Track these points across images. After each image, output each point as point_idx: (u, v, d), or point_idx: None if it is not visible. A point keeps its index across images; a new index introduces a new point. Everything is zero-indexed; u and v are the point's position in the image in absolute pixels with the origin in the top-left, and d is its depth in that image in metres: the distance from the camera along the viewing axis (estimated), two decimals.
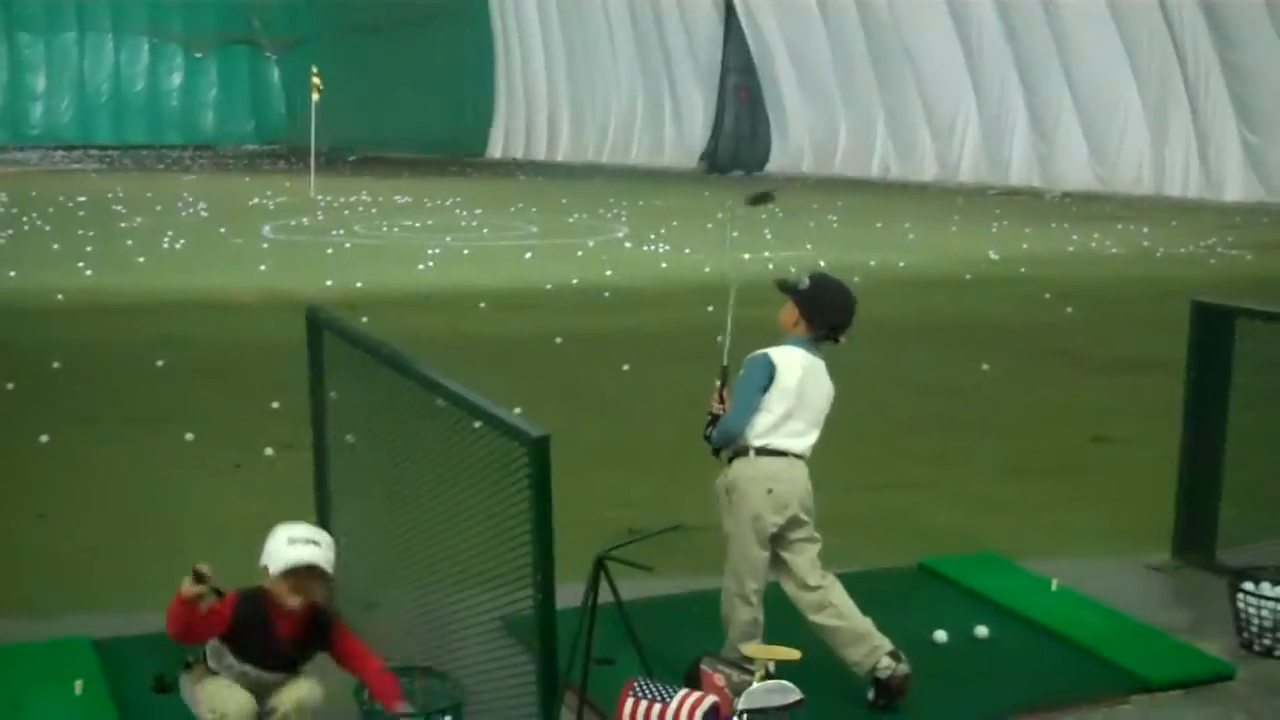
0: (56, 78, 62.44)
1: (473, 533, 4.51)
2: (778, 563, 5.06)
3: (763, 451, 4.96)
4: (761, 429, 4.96)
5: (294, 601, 4.45)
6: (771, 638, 4.82)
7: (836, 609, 4.95)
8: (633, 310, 15.21)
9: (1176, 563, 6.67)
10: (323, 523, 5.95)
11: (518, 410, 4.39)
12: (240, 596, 4.45)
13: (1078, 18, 32.89)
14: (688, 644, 5.15)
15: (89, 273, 17.43)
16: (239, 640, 4.47)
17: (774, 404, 4.96)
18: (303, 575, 4.43)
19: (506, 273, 18.16)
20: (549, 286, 16.64)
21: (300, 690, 4.50)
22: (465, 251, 20.73)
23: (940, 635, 5.58)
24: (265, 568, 4.47)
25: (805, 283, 5.12)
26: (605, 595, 4.57)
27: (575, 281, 17.13)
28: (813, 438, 5.05)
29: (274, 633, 4.49)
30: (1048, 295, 16.31)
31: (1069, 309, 15.33)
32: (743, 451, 4.99)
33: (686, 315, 14.39)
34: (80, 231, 22.53)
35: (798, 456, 5.00)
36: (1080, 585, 6.21)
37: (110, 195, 31.01)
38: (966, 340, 13.35)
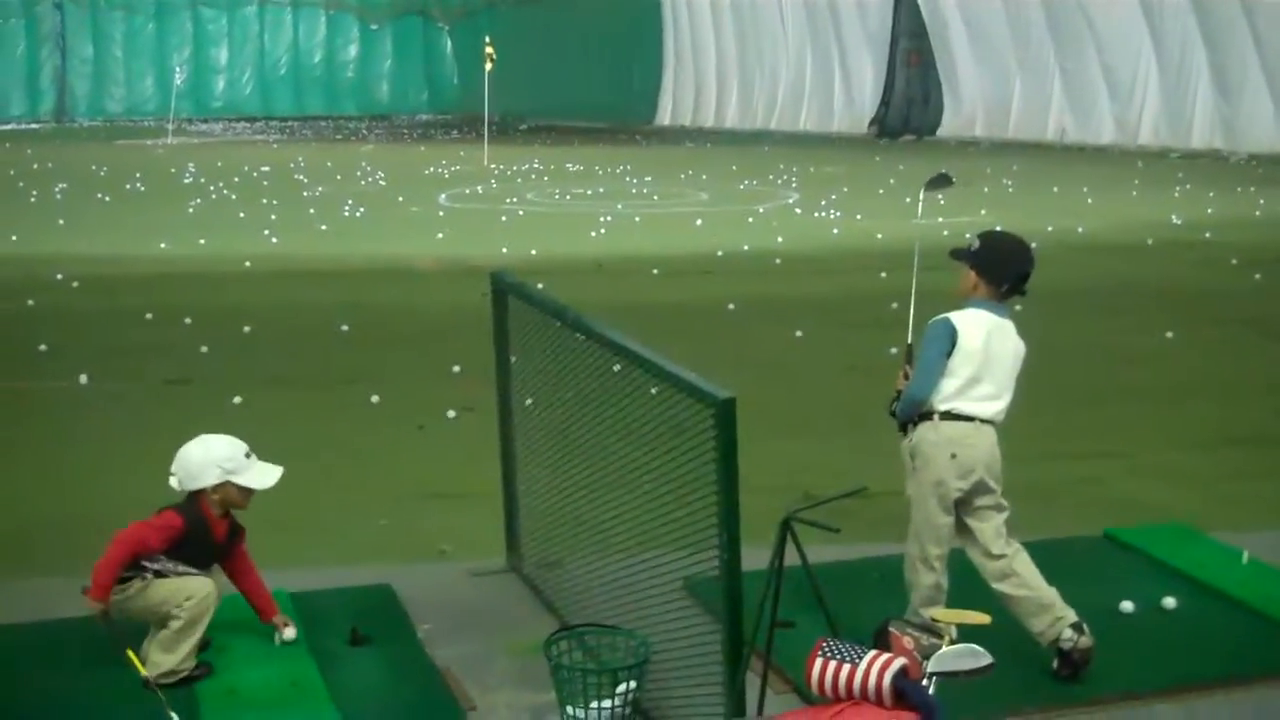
0: (238, 52, 64.07)
1: (653, 495, 4.58)
2: (963, 530, 5.01)
3: (948, 416, 4.89)
4: (947, 393, 4.89)
5: (223, 510, 5.05)
6: (957, 604, 4.80)
7: (1020, 578, 4.90)
8: (805, 277, 15.16)
9: None
10: (508, 482, 6.11)
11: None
12: (183, 511, 4.96)
13: None
14: (868, 609, 5.14)
15: (274, 240, 17.96)
16: (180, 548, 4.94)
17: (958, 368, 4.88)
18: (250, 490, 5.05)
19: (677, 240, 18.22)
20: (720, 253, 16.66)
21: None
22: (636, 219, 20.85)
23: (1127, 605, 5.49)
24: (219, 473, 4.99)
25: (975, 243, 5.04)
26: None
27: (746, 248, 17.12)
28: (1003, 402, 4.95)
29: (212, 537, 5.04)
30: (1234, 261, 15.80)
31: (1256, 275, 14.84)
32: (928, 415, 4.93)
33: (859, 281, 14.30)
34: (264, 200, 23.21)
35: (985, 421, 4.92)
36: (1272, 558, 6.06)
37: (292, 165, 31.85)
38: (1148, 307, 13.04)
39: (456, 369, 9.87)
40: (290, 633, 5.19)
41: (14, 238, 17.87)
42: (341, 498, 7.25)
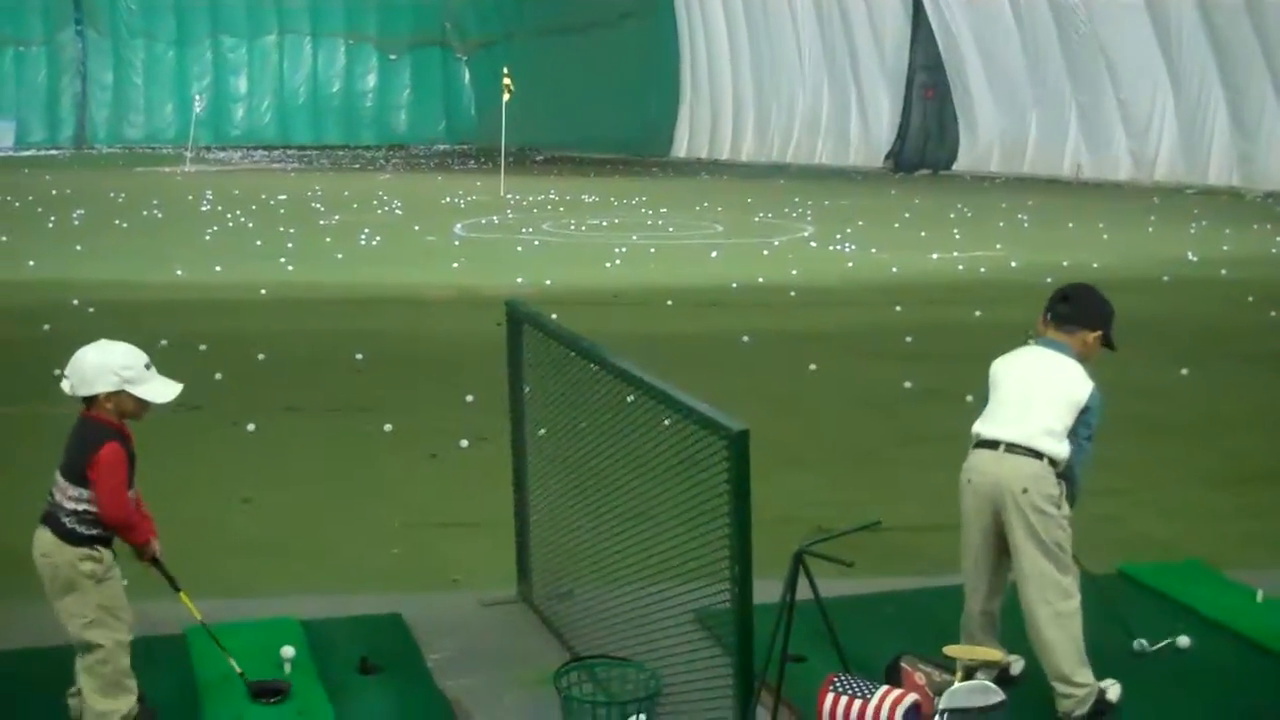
0: (257, 80, 64.49)
1: (665, 527, 4.56)
2: None
3: (976, 443, 4.93)
4: (979, 422, 4.97)
5: (119, 418, 4.73)
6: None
7: (1035, 634, 4.80)
8: (819, 309, 15.13)
9: None
10: (520, 512, 6.10)
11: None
12: (106, 436, 4.64)
13: None
14: (880, 644, 5.13)
15: (290, 268, 18.01)
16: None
17: (991, 399, 5.00)
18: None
19: (692, 271, 18.23)
20: (735, 285, 16.66)
21: None
22: (652, 250, 20.87)
23: (1141, 643, 5.45)
24: (115, 381, 4.66)
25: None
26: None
27: (761, 280, 17.12)
28: (1021, 427, 4.80)
29: (130, 443, 4.77)
30: (1250, 298, 15.76)
31: (1273, 312, 14.78)
32: None
33: (873, 315, 14.28)
34: (281, 228, 23.29)
35: (1015, 448, 4.79)
36: None
37: (309, 194, 31.96)
38: (1164, 343, 12.97)
39: (470, 398, 9.87)
40: (289, 651, 5.23)
41: (31, 263, 17.95)
42: (353, 526, 7.24)
